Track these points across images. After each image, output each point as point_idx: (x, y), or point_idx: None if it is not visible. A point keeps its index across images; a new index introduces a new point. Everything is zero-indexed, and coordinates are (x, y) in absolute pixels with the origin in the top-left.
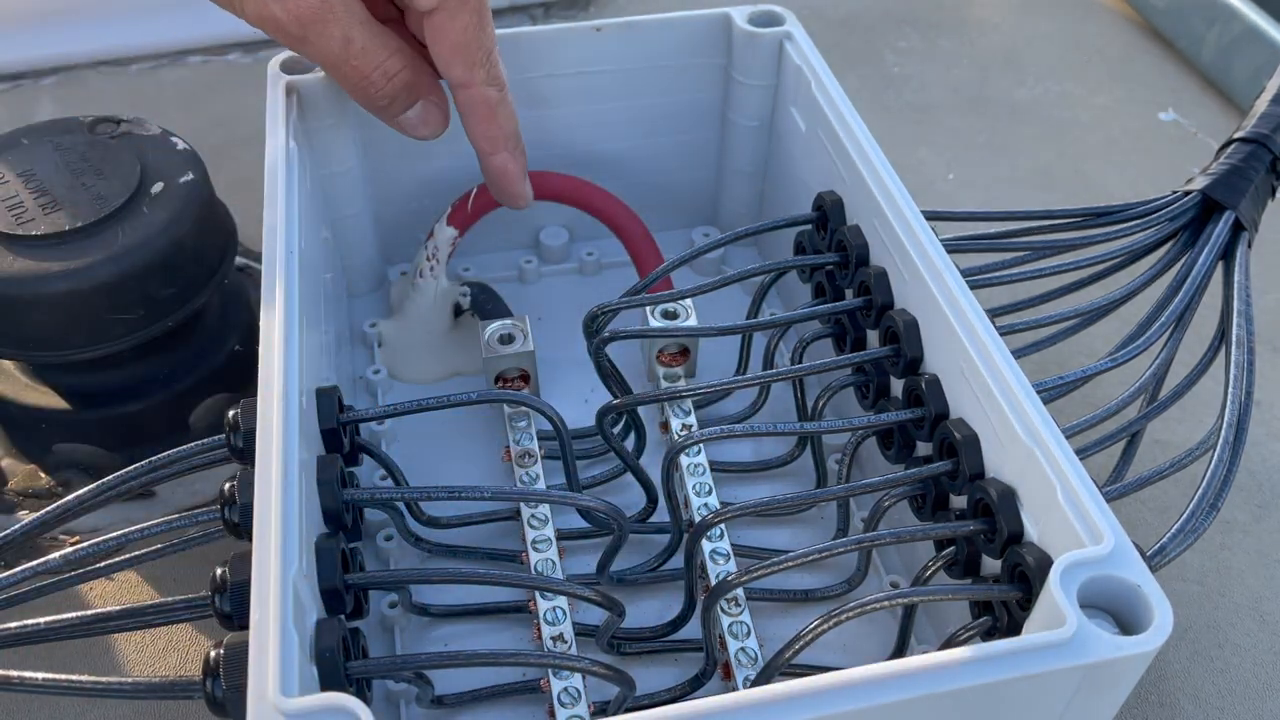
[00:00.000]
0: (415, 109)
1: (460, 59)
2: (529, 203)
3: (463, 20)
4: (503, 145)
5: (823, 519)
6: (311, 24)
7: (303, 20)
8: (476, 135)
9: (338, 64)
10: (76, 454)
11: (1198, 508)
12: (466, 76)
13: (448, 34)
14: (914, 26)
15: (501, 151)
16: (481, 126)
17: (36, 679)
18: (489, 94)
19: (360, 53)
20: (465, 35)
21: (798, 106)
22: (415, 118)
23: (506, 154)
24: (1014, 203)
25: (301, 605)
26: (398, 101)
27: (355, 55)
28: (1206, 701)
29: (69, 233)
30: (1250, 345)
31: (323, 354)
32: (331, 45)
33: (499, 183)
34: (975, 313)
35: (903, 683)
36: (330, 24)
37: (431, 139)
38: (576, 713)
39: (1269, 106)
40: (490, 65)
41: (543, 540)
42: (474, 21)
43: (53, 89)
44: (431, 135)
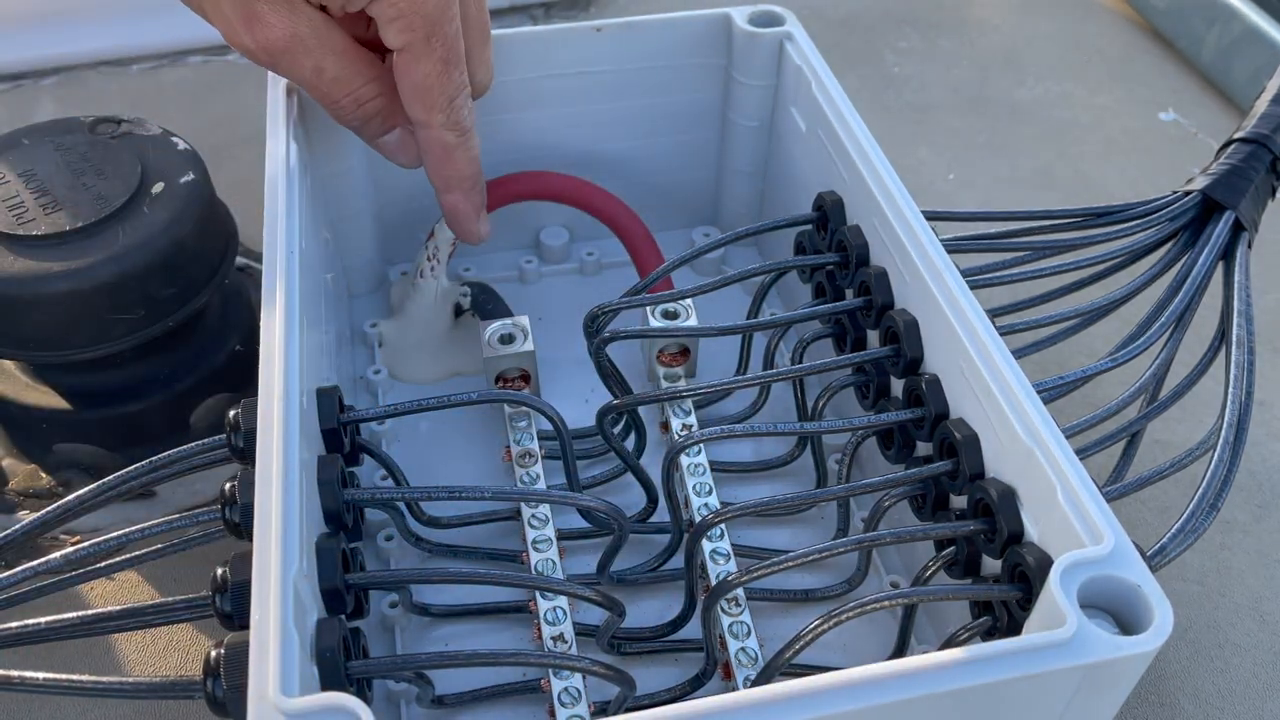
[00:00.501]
0: (393, 135)
1: (419, 101)
2: (482, 240)
3: (424, 66)
4: (455, 186)
5: (823, 519)
6: (281, 55)
7: (272, 53)
8: (430, 173)
9: (309, 87)
10: (77, 454)
11: (1198, 508)
12: (425, 118)
13: (409, 75)
14: (914, 26)
15: (455, 192)
16: (435, 166)
17: (37, 679)
18: (445, 137)
19: (331, 81)
20: (426, 80)
21: (798, 106)
22: (393, 143)
23: (459, 194)
24: (1014, 203)
25: (302, 605)
26: (370, 125)
27: (326, 84)
28: (1206, 701)
29: (70, 233)
30: (1250, 345)
31: (323, 354)
32: (302, 74)
33: (450, 219)
34: (975, 313)
35: (903, 683)
36: (299, 55)
37: (410, 167)
38: (577, 713)
39: (1269, 106)
40: (451, 110)
41: (543, 540)
42: (437, 69)
43: (53, 89)
44: (410, 163)
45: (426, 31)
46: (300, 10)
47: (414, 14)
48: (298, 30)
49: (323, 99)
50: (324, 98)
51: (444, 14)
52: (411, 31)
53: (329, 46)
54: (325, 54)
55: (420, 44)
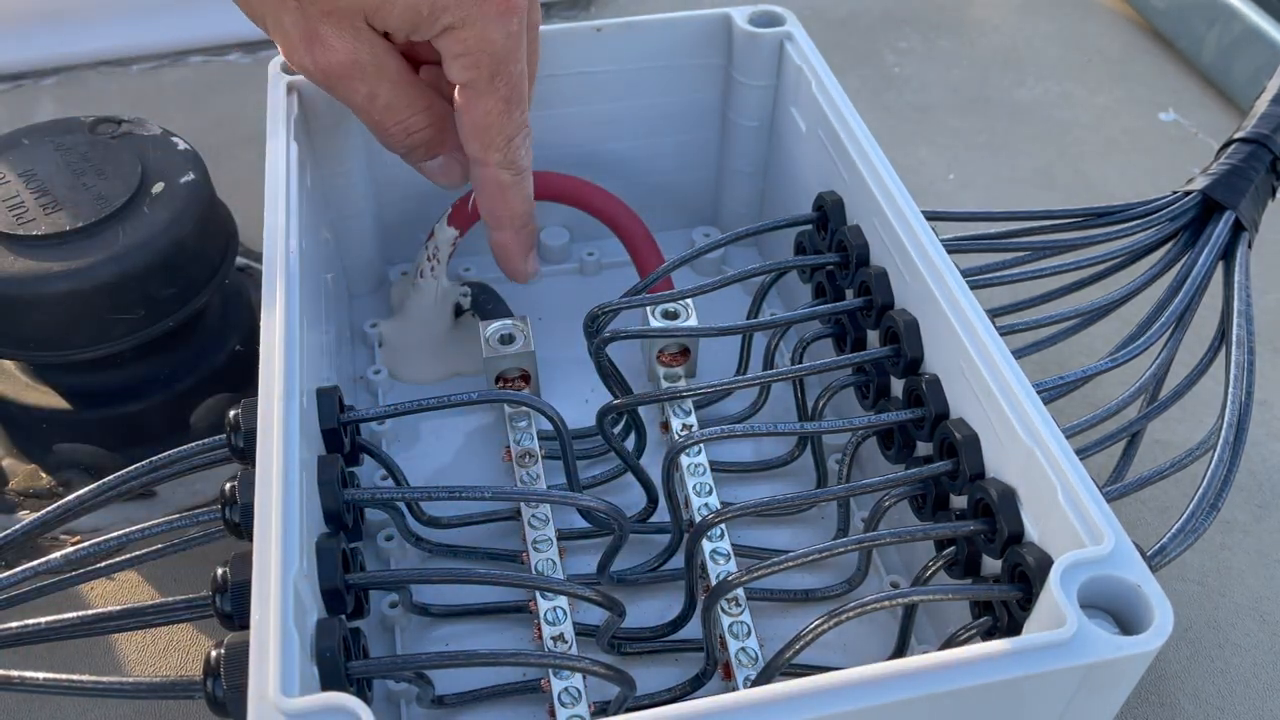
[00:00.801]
0: (436, 161)
1: (477, 138)
2: (529, 278)
3: (486, 104)
4: (507, 224)
5: (823, 519)
6: (338, 80)
7: (330, 75)
8: (483, 210)
9: (360, 112)
10: (77, 454)
11: (1198, 508)
12: (481, 156)
13: (470, 112)
14: (914, 26)
15: (506, 229)
16: (488, 203)
17: (37, 679)
18: (501, 176)
19: (384, 109)
20: (487, 119)
21: (798, 106)
22: (435, 168)
23: (510, 232)
24: (1014, 203)
25: (302, 605)
26: (415, 152)
27: (378, 110)
28: (1206, 701)
29: (70, 233)
30: (1250, 345)
31: (323, 354)
32: (355, 98)
33: (499, 256)
34: (975, 313)
35: (903, 683)
36: (356, 80)
37: (451, 189)
38: (577, 713)
39: (1269, 107)
40: (509, 150)
41: (543, 540)
42: (498, 108)
43: (53, 89)
44: (451, 186)
45: (491, 70)
46: (363, 35)
47: (480, 51)
48: (358, 56)
49: (372, 125)
50: (374, 124)
51: (510, 54)
52: (477, 69)
53: (385, 74)
54: (381, 81)
55: (484, 82)
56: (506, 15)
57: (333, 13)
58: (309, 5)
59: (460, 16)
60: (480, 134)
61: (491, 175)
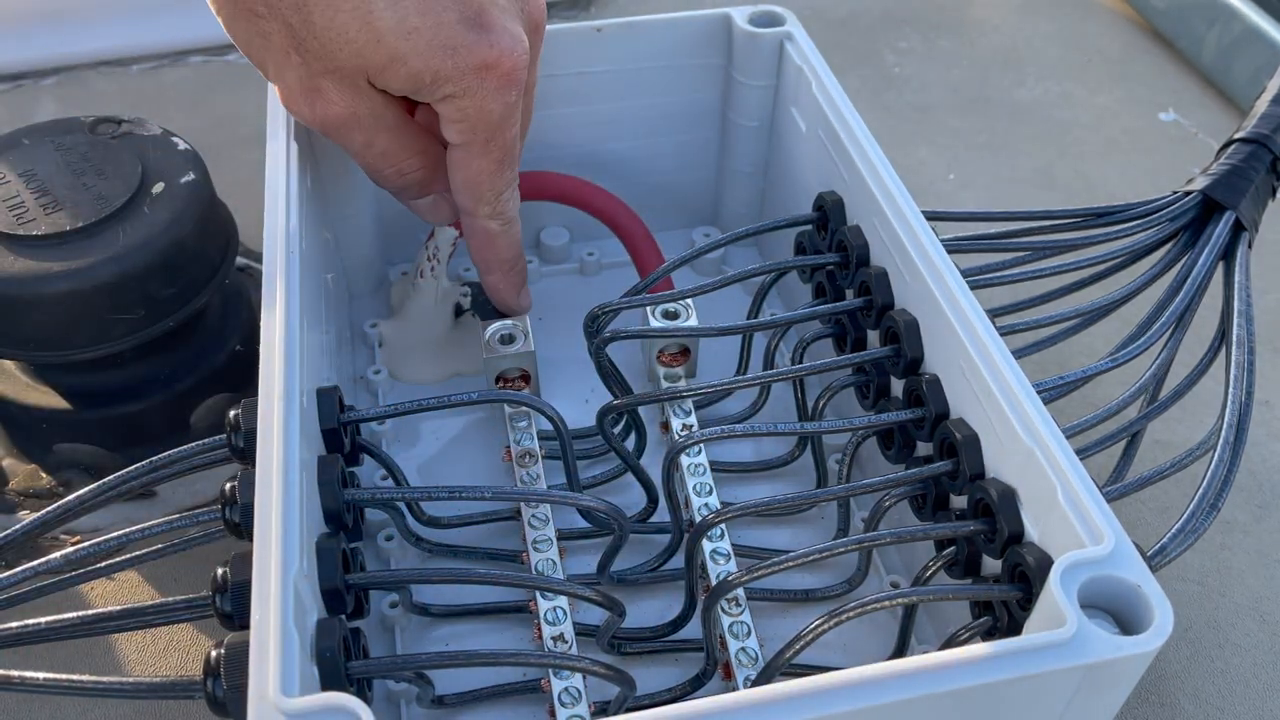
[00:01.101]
0: (427, 199)
1: (468, 194)
2: (523, 312)
3: (480, 165)
4: (496, 268)
5: (823, 519)
6: (336, 130)
7: (327, 126)
8: (474, 257)
9: (354, 157)
10: (77, 454)
11: (1198, 508)
12: (471, 208)
13: (462, 170)
14: (914, 26)
15: (495, 273)
16: (479, 250)
17: (37, 679)
18: (489, 226)
19: (379, 155)
20: (479, 177)
21: (798, 107)
22: (425, 206)
23: (499, 275)
24: (1014, 203)
25: (302, 605)
26: (408, 191)
27: (373, 156)
28: (1207, 701)
29: (70, 233)
30: (1251, 345)
31: (323, 354)
32: (352, 146)
33: (492, 296)
34: (975, 313)
35: (903, 683)
36: (354, 131)
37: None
38: (577, 713)
39: (1269, 107)
40: (497, 203)
41: (543, 540)
42: (489, 167)
43: (54, 89)
44: (439, 224)
45: (487, 136)
46: (363, 93)
47: (478, 120)
48: (357, 110)
49: (367, 168)
50: (368, 167)
51: (506, 122)
52: (472, 134)
53: (383, 124)
54: (379, 131)
55: (479, 145)
56: (506, 88)
57: (335, 71)
58: (313, 61)
59: (461, 87)
60: (471, 190)
61: (481, 226)
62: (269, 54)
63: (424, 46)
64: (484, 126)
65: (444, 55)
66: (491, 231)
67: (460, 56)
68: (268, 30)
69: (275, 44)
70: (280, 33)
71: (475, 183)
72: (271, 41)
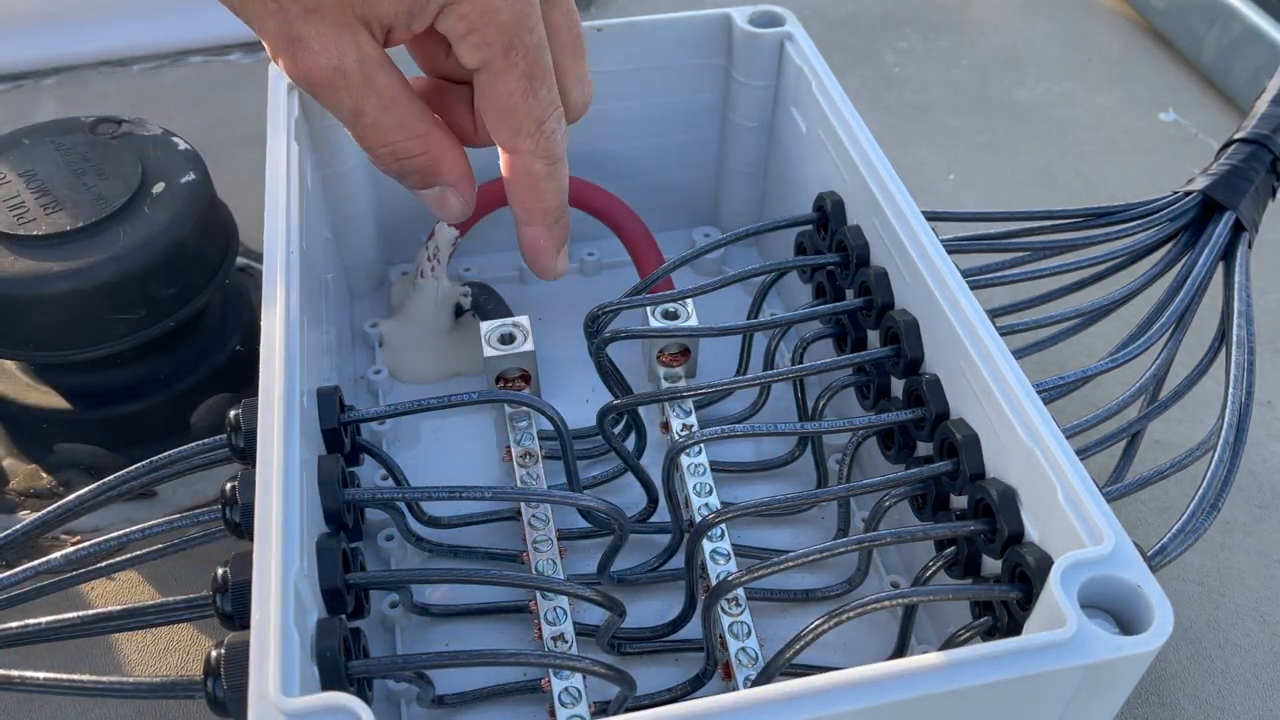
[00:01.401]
0: (432, 191)
1: (504, 124)
2: (558, 277)
3: (508, 83)
4: (539, 219)
5: (823, 519)
6: (320, 88)
7: (311, 82)
8: (514, 203)
9: (348, 126)
10: (78, 454)
11: (1198, 508)
12: (511, 143)
13: (491, 96)
14: (914, 26)
15: (537, 224)
16: (519, 196)
17: (38, 679)
18: (533, 166)
19: (369, 127)
20: (510, 100)
21: (798, 107)
22: (431, 198)
23: (542, 228)
24: (1014, 203)
25: (302, 605)
26: (407, 179)
27: (363, 128)
28: (1207, 701)
29: (70, 233)
30: (1250, 345)
31: (324, 354)
32: (340, 112)
33: (528, 254)
34: (976, 313)
35: (903, 683)
36: (340, 93)
37: (450, 222)
38: (577, 713)
39: (1269, 107)
40: (540, 135)
41: (543, 540)
42: (521, 86)
43: (54, 89)
44: (450, 220)
45: (504, 44)
46: (350, 39)
47: (488, 26)
48: (343, 63)
49: (359, 142)
50: (360, 141)
51: (522, 23)
52: (488, 46)
53: (373, 88)
54: (367, 96)
55: (499, 59)
56: None
57: (316, 9)
58: (290, 3)
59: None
60: (507, 119)
61: (523, 165)
62: (250, 3)
63: None
64: (496, 31)
65: None
66: (535, 173)
67: None
68: None
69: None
70: None
71: (509, 108)
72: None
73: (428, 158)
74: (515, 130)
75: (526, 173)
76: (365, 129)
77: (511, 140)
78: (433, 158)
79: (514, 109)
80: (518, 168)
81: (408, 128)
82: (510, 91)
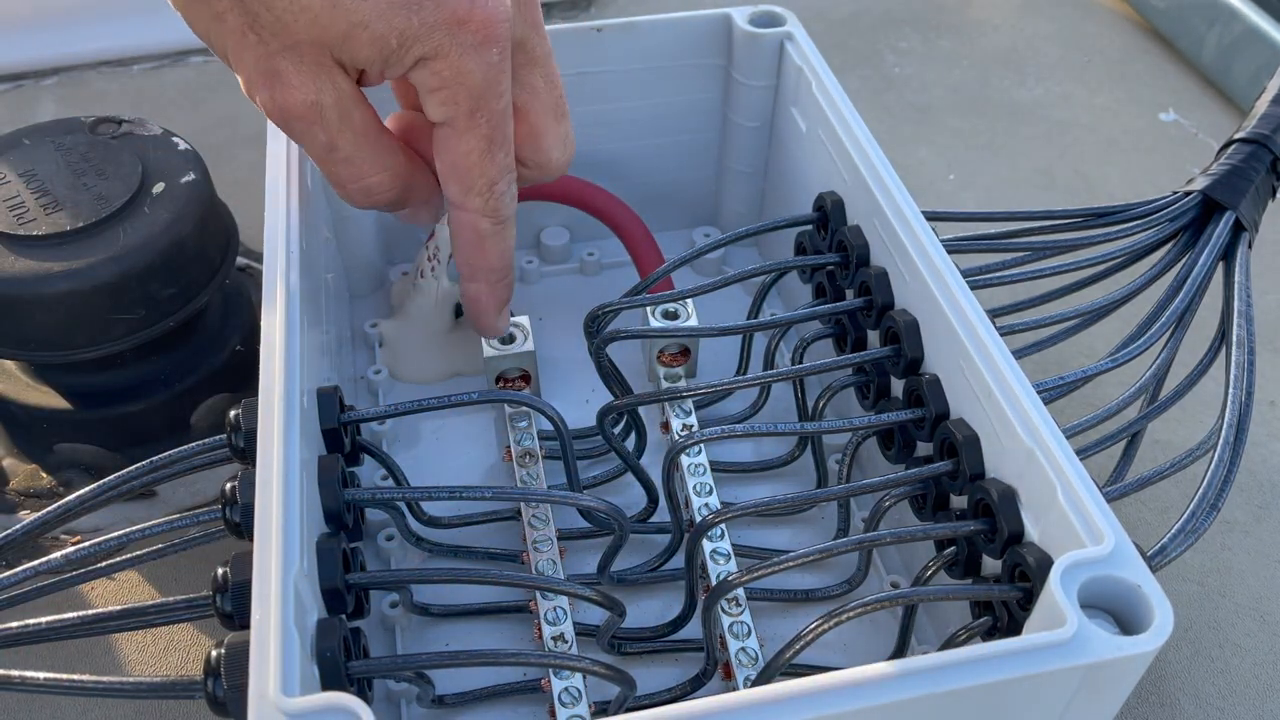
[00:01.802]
0: (403, 211)
1: (457, 181)
2: (500, 335)
3: (467, 144)
4: (482, 276)
5: (823, 519)
6: (296, 121)
7: (287, 116)
8: (458, 258)
9: (317, 162)
10: (78, 454)
11: (1198, 508)
12: (461, 200)
13: (448, 152)
14: (914, 27)
15: (480, 281)
16: (464, 252)
17: (38, 679)
18: (480, 224)
19: (342, 162)
20: (468, 159)
21: (798, 107)
22: (401, 215)
23: (484, 285)
24: (1014, 203)
25: (302, 605)
26: (375, 208)
27: (337, 164)
28: (1207, 701)
29: (70, 233)
30: (1251, 346)
31: (324, 354)
32: (314, 148)
33: (470, 310)
34: (976, 313)
35: (903, 683)
36: (315, 127)
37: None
38: (577, 712)
39: (1269, 107)
40: (490, 195)
41: (543, 540)
42: (479, 147)
43: (54, 89)
44: (423, 225)
45: (470, 107)
46: (327, 76)
47: (457, 85)
48: (320, 98)
49: (330, 177)
50: (331, 176)
51: (491, 89)
52: (455, 105)
53: (348, 123)
54: (342, 131)
55: (463, 119)
56: (484, 46)
57: (295, 46)
58: (270, 39)
59: (432, 47)
60: (460, 176)
61: (470, 221)
62: (226, 37)
63: (385, 5)
64: (465, 93)
65: (407, 12)
66: (481, 231)
67: (426, 12)
68: (220, 9)
69: (230, 24)
70: (234, 10)
71: (464, 167)
72: (226, 22)
73: (396, 191)
74: (467, 188)
75: (473, 229)
76: (339, 164)
77: (462, 197)
78: (402, 189)
79: (469, 169)
80: (465, 223)
81: (379, 161)
82: (468, 151)
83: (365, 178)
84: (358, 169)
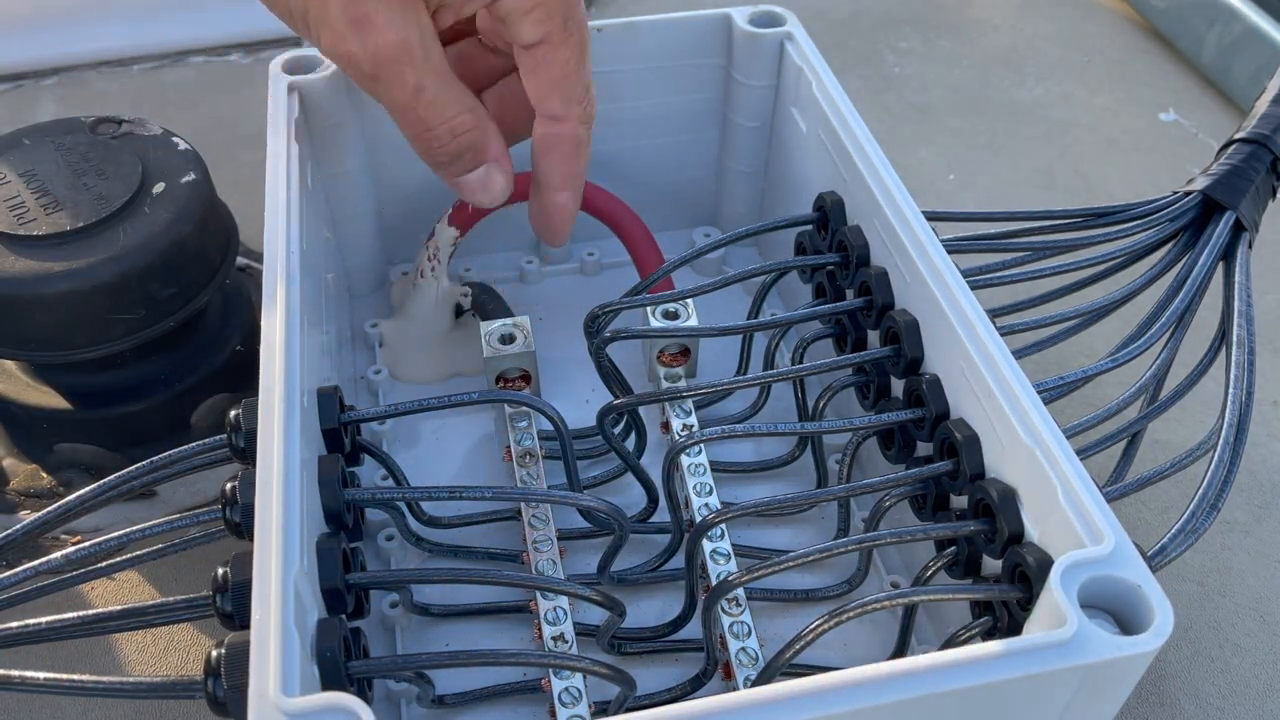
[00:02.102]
0: (478, 173)
1: (559, 94)
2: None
3: (565, 54)
4: (571, 184)
5: (823, 519)
6: (387, 64)
7: (379, 60)
8: (552, 171)
9: (404, 110)
10: (78, 454)
11: (1198, 508)
12: (563, 111)
13: (549, 68)
14: (914, 27)
15: (568, 190)
16: (562, 164)
17: (38, 679)
18: (580, 133)
19: (429, 103)
20: (566, 69)
21: (798, 107)
22: (476, 182)
23: (571, 194)
24: (1014, 203)
25: (303, 605)
26: (459, 161)
27: (424, 105)
28: (1207, 701)
29: (70, 233)
30: (1251, 345)
31: (324, 354)
32: (403, 91)
33: (552, 220)
34: (976, 313)
35: (903, 683)
36: (406, 67)
37: (490, 206)
38: (577, 713)
39: (1269, 107)
40: (587, 102)
41: (543, 540)
42: (575, 55)
43: (54, 89)
44: (491, 203)
45: (564, 16)
46: (414, 13)
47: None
48: (409, 37)
49: (417, 124)
50: (419, 123)
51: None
52: (550, 20)
53: (433, 63)
54: (429, 71)
55: (559, 32)
56: None
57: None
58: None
59: None
60: (561, 87)
61: (570, 133)
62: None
63: None
64: (559, 5)
65: None
66: (580, 140)
67: None
68: None
69: None
70: None
71: (563, 77)
72: None
73: (479, 132)
74: (569, 99)
75: (573, 139)
76: (426, 106)
77: (564, 109)
78: (483, 133)
79: (568, 77)
80: (565, 135)
81: (462, 100)
82: (566, 60)
83: (452, 117)
84: (444, 110)
